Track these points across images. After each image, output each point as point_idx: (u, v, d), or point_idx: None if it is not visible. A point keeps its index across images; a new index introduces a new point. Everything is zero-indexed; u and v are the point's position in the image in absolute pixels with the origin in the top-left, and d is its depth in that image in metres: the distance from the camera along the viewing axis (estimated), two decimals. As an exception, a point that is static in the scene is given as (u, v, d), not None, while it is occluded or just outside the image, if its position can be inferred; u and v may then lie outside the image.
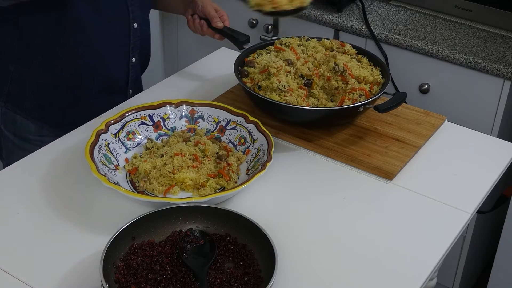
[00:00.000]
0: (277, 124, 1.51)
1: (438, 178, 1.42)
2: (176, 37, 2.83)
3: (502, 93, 2.09)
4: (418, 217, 1.32)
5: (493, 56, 2.11)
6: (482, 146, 1.55)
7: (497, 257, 2.26)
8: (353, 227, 1.28)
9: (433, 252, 1.23)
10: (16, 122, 1.62)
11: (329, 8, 2.36)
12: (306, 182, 1.40)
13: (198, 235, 1.18)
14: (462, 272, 2.33)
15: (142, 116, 1.45)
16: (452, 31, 2.26)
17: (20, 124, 1.62)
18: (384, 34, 2.22)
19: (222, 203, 1.29)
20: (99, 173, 1.25)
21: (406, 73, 2.24)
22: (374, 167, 1.41)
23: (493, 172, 1.45)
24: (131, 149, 1.42)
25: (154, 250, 1.14)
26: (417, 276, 1.18)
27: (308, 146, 1.48)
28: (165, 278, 1.10)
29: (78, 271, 1.15)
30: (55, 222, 1.25)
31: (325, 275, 1.17)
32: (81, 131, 1.50)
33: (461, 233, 1.30)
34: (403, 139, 1.50)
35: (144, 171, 1.33)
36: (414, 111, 1.61)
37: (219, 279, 1.10)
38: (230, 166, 1.36)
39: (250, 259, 1.15)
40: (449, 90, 2.19)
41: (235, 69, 1.55)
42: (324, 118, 1.48)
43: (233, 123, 1.46)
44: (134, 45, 1.63)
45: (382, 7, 2.41)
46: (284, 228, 1.25)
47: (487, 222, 2.38)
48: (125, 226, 1.14)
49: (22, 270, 1.15)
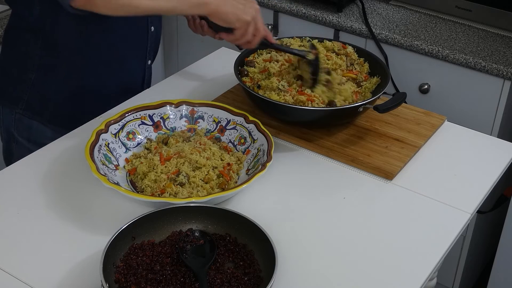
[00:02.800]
0: (277, 124, 1.51)
1: (438, 178, 1.42)
2: (176, 37, 2.83)
3: (502, 93, 2.09)
4: (418, 217, 1.32)
5: (493, 56, 2.11)
6: (482, 146, 1.54)
7: (497, 257, 2.26)
8: (353, 227, 1.28)
9: (433, 252, 1.23)
10: (31, 128, 1.62)
11: (329, 8, 2.36)
12: (306, 182, 1.40)
13: (198, 235, 1.18)
14: (462, 272, 2.33)
15: (142, 116, 1.45)
16: (452, 31, 2.26)
17: (36, 130, 1.62)
18: (384, 34, 2.22)
19: (222, 203, 1.29)
20: (99, 173, 1.25)
21: (406, 73, 2.24)
22: (374, 167, 1.41)
23: (493, 172, 1.45)
24: (131, 149, 1.42)
25: (154, 250, 1.14)
26: (417, 276, 1.18)
27: (308, 146, 1.48)
28: (165, 278, 1.10)
29: (78, 271, 1.15)
30: (55, 222, 1.25)
31: (325, 275, 1.17)
32: (81, 131, 1.50)
33: (461, 233, 1.30)
34: (403, 139, 1.50)
35: (142, 172, 1.33)
36: (414, 111, 1.61)
37: (219, 279, 1.10)
38: (230, 166, 1.36)
39: (250, 259, 1.15)
40: (449, 90, 2.19)
41: (235, 69, 1.55)
42: (324, 118, 1.48)
43: (233, 123, 1.46)
44: (150, 48, 1.66)
45: (382, 7, 2.41)
46: (284, 228, 1.25)
47: (487, 222, 2.38)
48: (125, 226, 1.14)
49: (22, 270, 1.15)
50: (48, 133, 1.61)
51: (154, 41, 1.67)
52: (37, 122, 1.61)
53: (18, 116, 1.61)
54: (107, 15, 1.37)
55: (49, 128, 1.61)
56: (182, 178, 1.30)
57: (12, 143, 1.66)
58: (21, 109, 1.60)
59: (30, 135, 1.63)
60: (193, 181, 1.31)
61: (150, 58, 1.68)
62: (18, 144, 1.65)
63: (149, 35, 1.64)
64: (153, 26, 1.63)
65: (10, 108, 1.61)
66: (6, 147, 1.68)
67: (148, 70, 1.70)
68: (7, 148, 1.68)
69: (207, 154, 1.36)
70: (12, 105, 1.60)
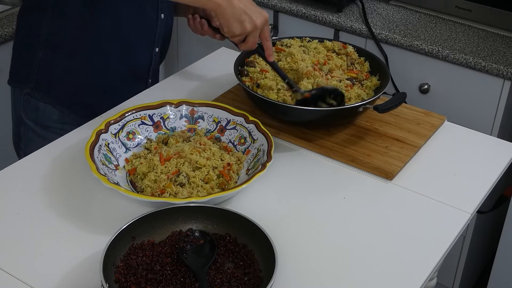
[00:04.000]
0: (277, 124, 1.51)
1: (438, 178, 1.42)
2: (176, 37, 2.83)
3: (502, 93, 2.10)
4: (418, 217, 1.32)
5: (493, 56, 2.11)
6: (482, 146, 1.54)
7: (497, 257, 2.26)
8: (353, 227, 1.28)
9: (433, 252, 1.23)
10: (38, 109, 1.64)
11: (329, 8, 2.36)
12: (306, 182, 1.40)
13: (198, 235, 1.18)
14: (462, 272, 2.33)
15: (142, 116, 1.45)
16: (452, 31, 2.26)
17: (43, 111, 1.63)
18: (384, 34, 2.22)
19: (222, 203, 1.29)
20: (99, 173, 1.25)
21: (406, 73, 2.24)
22: (374, 167, 1.41)
23: (493, 172, 1.45)
24: (131, 149, 1.42)
25: (154, 250, 1.14)
26: (417, 276, 1.18)
27: (308, 146, 1.48)
28: (165, 278, 1.10)
29: (78, 271, 1.15)
30: (55, 222, 1.25)
31: (325, 275, 1.17)
32: (81, 131, 1.50)
33: (461, 233, 1.30)
34: (403, 139, 1.50)
35: (141, 173, 1.33)
36: (414, 111, 1.61)
37: (219, 279, 1.10)
38: (230, 166, 1.36)
39: (250, 259, 1.15)
40: (449, 90, 2.19)
41: (235, 69, 1.55)
42: (324, 118, 1.48)
43: (233, 123, 1.46)
44: (159, 35, 1.67)
45: (382, 7, 2.41)
46: (284, 228, 1.25)
47: (487, 222, 2.38)
48: (125, 226, 1.14)
49: (22, 270, 1.15)
50: (54, 115, 1.63)
51: (164, 28, 1.67)
52: (44, 103, 1.63)
53: (26, 98, 1.64)
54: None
55: (57, 110, 1.63)
56: (182, 179, 1.30)
57: (20, 126, 1.68)
58: (29, 89, 1.62)
59: (37, 117, 1.64)
60: (193, 181, 1.31)
61: (158, 46, 1.68)
62: (25, 126, 1.67)
63: (159, 22, 1.64)
64: (163, 13, 1.64)
65: (20, 89, 1.64)
66: (16, 131, 1.71)
67: (155, 57, 1.70)
68: (17, 131, 1.71)
69: (207, 154, 1.36)
70: (22, 85, 1.63)
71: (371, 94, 1.53)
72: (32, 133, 1.66)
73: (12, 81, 1.67)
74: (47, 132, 1.64)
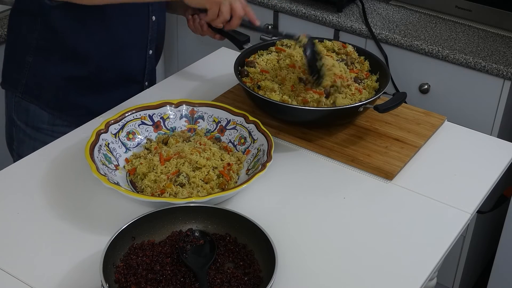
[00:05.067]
0: (277, 124, 1.51)
1: (438, 178, 1.42)
2: (176, 37, 2.83)
3: (502, 93, 2.09)
4: (418, 217, 1.32)
5: (493, 56, 2.11)
6: (482, 146, 1.55)
7: (497, 257, 2.26)
8: (353, 227, 1.28)
9: (433, 252, 1.23)
10: (29, 111, 1.64)
11: (329, 8, 2.36)
12: (306, 182, 1.40)
13: (198, 235, 1.18)
14: (462, 272, 2.33)
15: (142, 116, 1.45)
16: (452, 31, 2.26)
17: (33, 113, 1.64)
18: (384, 34, 2.22)
19: (222, 203, 1.29)
20: (99, 173, 1.25)
21: (406, 73, 2.24)
22: (374, 167, 1.41)
23: (493, 172, 1.45)
24: (131, 149, 1.42)
25: (154, 250, 1.14)
26: (417, 276, 1.18)
27: (308, 146, 1.48)
28: (165, 278, 1.10)
29: (78, 271, 1.15)
30: (55, 222, 1.25)
31: (325, 275, 1.17)
32: (81, 131, 1.50)
33: (461, 233, 1.30)
34: (403, 139, 1.50)
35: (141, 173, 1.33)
36: (414, 111, 1.61)
37: (219, 279, 1.10)
38: (230, 166, 1.36)
39: (250, 259, 1.15)
40: (449, 90, 2.19)
41: (235, 69, 1.55)
42: (324, 118, 1.48)
43: (233, 123, 1.46)
44: (151, 37, 1.67)
45: (382, 7, 2.41)
46: (284, 228, 1.25)
47: (487, 222, 2.38)
48: (125, 226, 1.14)
49: (22, 270, 1.15)
50: (44, 117, 1.63)
51: (156, 31, 1.68)
52: (34, 105, 1.63)
53: (17, 100, 1.64)
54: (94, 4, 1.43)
55: (47, 112, 1.63)
56: (182, 179, 1.30)
57: (12, 127, 1.69)
58: (20, 93, 1.62)
59: (27, 118, 1.65)
60: (193, 181, 1.31)
61: (151, 48, 1.68)
62: (17, 128, 1.68)
63: (150, 24, 1.65)
64: (154, 15, 1.64)
65: (12, 92, 1.65)
66: (9, 132, 1.72)
67: (150, 60, 1.70)
68: (9, 133, 1.71)
69: (207, 154, 1.36)
70: (13, 88, 1.64)
71: (371, 94, 1.53)
72: (24, 135, 1.66)
73: (3, 83, 1.68)
74: (38, 134, 1.64)
